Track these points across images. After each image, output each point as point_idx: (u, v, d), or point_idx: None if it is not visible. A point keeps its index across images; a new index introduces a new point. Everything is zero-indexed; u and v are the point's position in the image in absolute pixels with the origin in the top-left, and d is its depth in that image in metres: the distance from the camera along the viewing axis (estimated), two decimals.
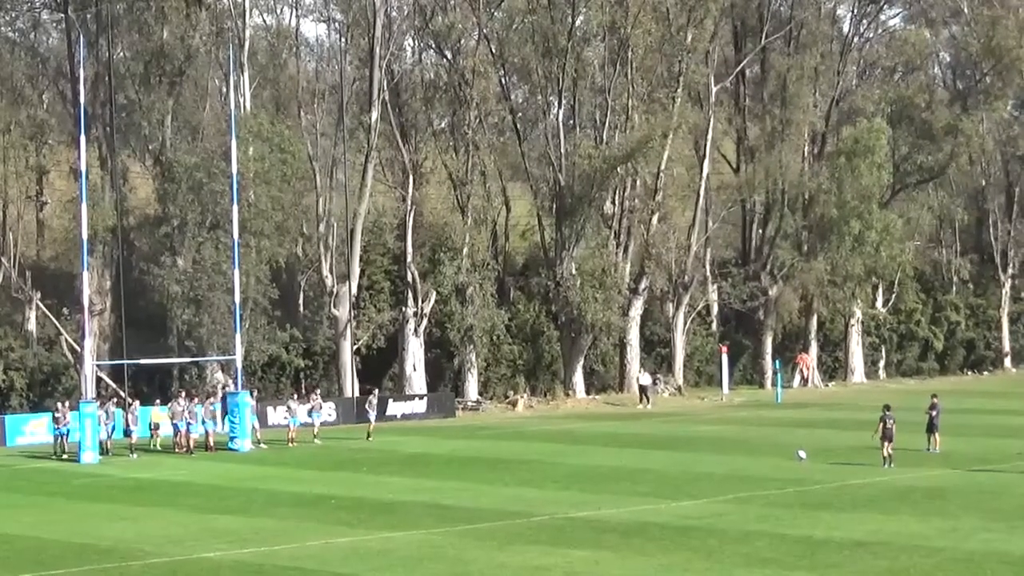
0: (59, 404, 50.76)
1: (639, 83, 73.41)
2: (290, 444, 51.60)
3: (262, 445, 51.64)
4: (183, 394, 54.24)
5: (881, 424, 41.91)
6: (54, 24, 70.41)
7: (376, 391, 58.87)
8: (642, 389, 69.53)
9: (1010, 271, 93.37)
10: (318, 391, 57.98)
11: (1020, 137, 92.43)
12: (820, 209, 79.65)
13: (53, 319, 61.54)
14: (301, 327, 67.59)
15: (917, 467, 41.36)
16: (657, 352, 77.77)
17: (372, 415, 54.41)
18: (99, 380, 58.57)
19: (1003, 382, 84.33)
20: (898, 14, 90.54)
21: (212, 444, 50.51)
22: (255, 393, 56.23)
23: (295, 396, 57.32)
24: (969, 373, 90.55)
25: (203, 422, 51.06)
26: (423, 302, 67.94)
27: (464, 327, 68.51)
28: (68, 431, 48.80)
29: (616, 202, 73.99)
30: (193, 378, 62.91)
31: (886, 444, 41.30)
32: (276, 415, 56.01)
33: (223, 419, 52.27)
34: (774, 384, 76.12)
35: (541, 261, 74.33)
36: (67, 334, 60.54)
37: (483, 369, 70.87)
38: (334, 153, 69.07)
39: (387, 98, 67.70)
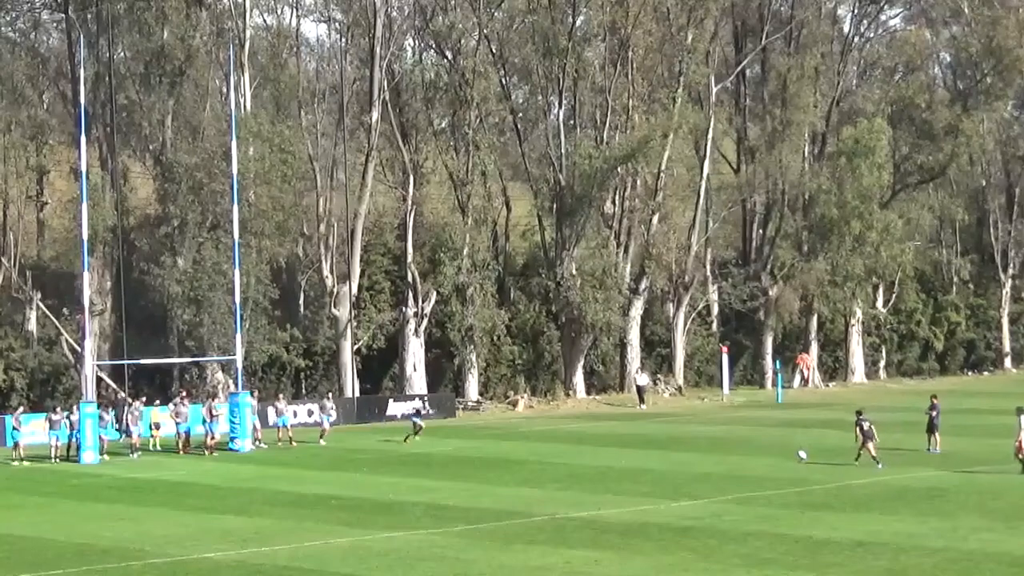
0: (57, 408, 50.77)
1: (639, 83, 73.42)
2: (280, 444, 51.55)
3: (262, 445, 51.67)
4: (183, 394, 54.28)
5: (858, 428, 41.79)
6: (54, 24, 70.52)
7: (420, 413, 57.31)
8: (639, 390, 69.57)
9: (1010, 271, 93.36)
10: (330, 395, 57.92)
11: (1020, 137, 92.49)
12: (820, 209, 79.63)
13: (53, 319, 61.56)
14: (301, 327, 67.62)
15: (917, 467, 41.35)
16: (657, 352, 77.75)
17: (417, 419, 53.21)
18: (99, 380, 58.57)
19: (1003, 382, 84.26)
20: (898, 14, 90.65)
21: (210, 444, 50.47)
22: (256, 393, 56.44)
23: (279, 396, 57.32)
24: (969, 373, 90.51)
25: (203, 422, 51.01)
26: (423, 302, 67.96)
27: (464, 327, 68.52)
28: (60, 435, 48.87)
29: (616, 202, 74.01)
30: (193, 378, 62.94)
31: (870, 445, 41.24)
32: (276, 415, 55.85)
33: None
34: (774, 384, 76.12)
35: (541, 261, 74.32)
36: (67, 334, 60.57)
37: (483, 369, 70.87)
38: (334, 153, 69.11)
39: (387, 98, 67.73)
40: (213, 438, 50.35)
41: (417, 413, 54.88)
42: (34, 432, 50.91)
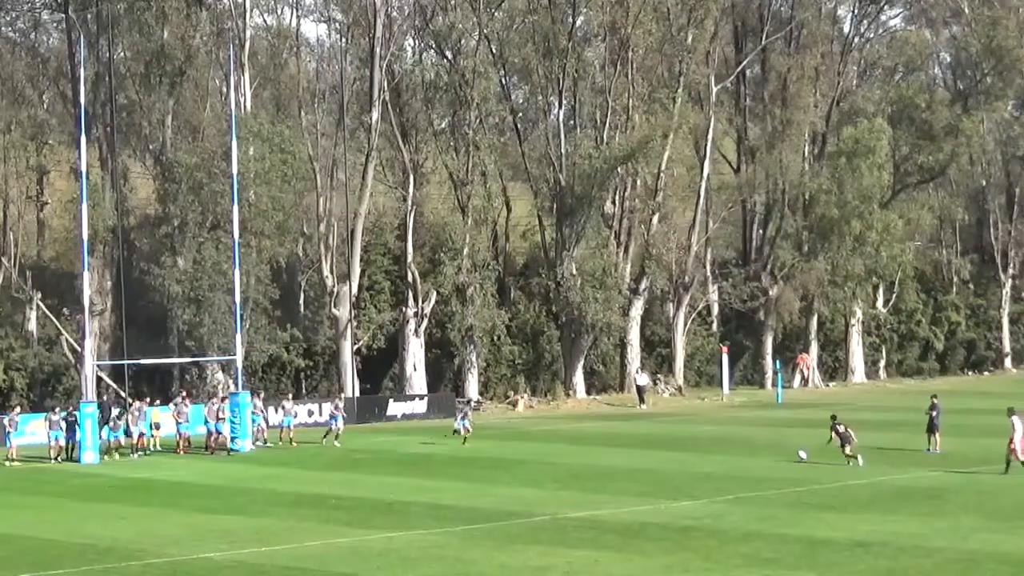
0: (56, 408, 50.69)
1: (639, 83, 73.41)
2: (282, 443, 51.60)
3: (267, 445, 51.51)
4: (184, 394, 54.29)
5: (833, 432, 42.41)
6: (54, 24, 70.52)
7: (471, 401, 55.59)
8: (639, 390, 69.61)
9: (1010, 271, 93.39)
10: (343, 394, 57.43)
11: (1020, 137, 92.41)
12: (820, 209, 79.62)
13: (53, 319, 61.56)
14: (301, 327, 67.62)
15: (917, 467, 41.38)
16: (658, 352, 77.75)
17: (467, 422, 51.54)
18: (99, 380, 58.56)
19: (1003, 382, 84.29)
20: (898, 14, 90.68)
21: (213, 445, 50.45)
22: (262, 394, 56.38)
23: (290, 396, 57.36)
24: (969, 373, 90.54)
25: (205, 422, 51.00)
26: (423, 302, 67.95)
27: (464, 327, 68.52)
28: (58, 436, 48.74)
29: (616, 202, 74.01)
30: (193, 378, 62.93)
31: (847, 447, 41.82)
32: (276, 415, 55.78)
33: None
34: (774, 384, 76.11)
35: (541, 261, 74.32)
36: (67, 334, 60.56)
37: (483, 369, 70.87)
38: (334, 153, 69.08)
39: (387, 98, 67.70)
40: (217, 439, 50.36)
41: (465, 416, 51.71)
42: (35, 432, 50.93)
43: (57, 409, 50.21)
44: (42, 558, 28.99)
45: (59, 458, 48.18)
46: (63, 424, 48.51)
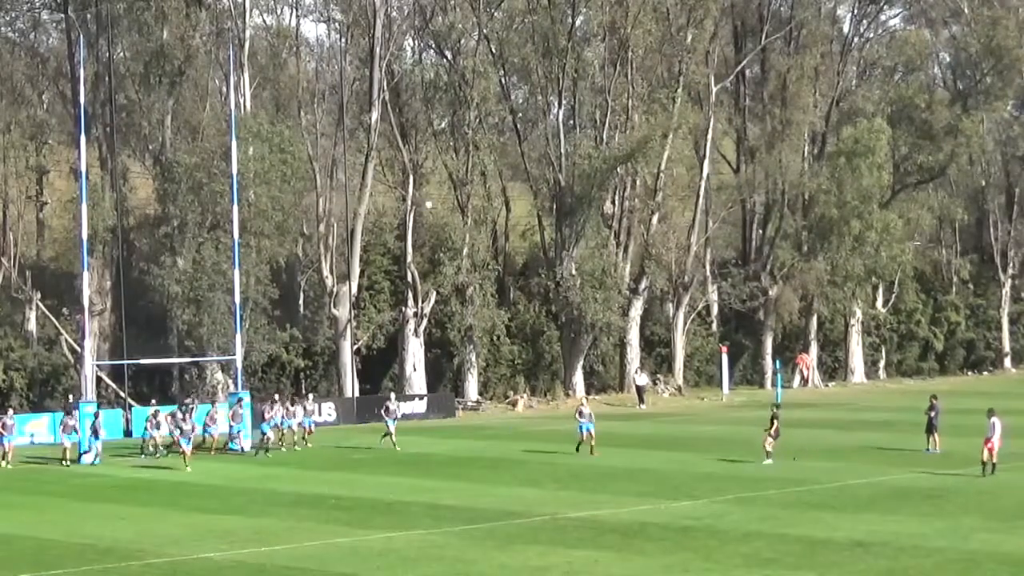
0: (73, 411, 50.50)
1: (639, 83, 73.43)
2: (308, 444, 51.49)
3: (292, 448, 50.99)
4: (192, 398, 54.25)
5: (773, 419, 43.19)
6: (54, 24, 70.44)
7: (585, 400, 53.99)
8: (639, 390, 69.61)
9: (1010, 271, 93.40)
10: (392, 395, 56.13)
11: (1020, 137, 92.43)
12: (820, 209, 79.65)
13: (53, 319, 61.56)
14: (301, 327, 67.60)
15: (917, 467, 41.38)
16: (657, 352, 77.74)
17: (590, 426, 47.46)
18: (99, 380, 58.55)
19: (1003, 382, 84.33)
20: (898, 14, 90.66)
21: (224, 445, 50.49)
22: (293, 398, 55.80)
23: (309, 396, 57.14)
24: (969, 373, 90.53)
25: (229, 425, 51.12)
26: (423, 302, 67.95)
27: (464, 327, 68.53)
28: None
29: (616, 202, 74.01)
30: (193, 378, 62.92)
31: (772, 440, 42.72)
32: (278, 416, 55.55)
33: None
34: (774, 384, 76.04)
35: (541, 261, 74.33)
36: (67, 334, 60.56)
37: (483, 369, 70.88)
38: (334, 153, 69.05)
39: (387, 98, 67.70)
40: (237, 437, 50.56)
41: (580, 413, 47.58)
42: (34, 433, 50.84)
43: (74, 412, 49.80)
44: (42, 558, 29.00)
45: (69, 461, 47.81)
46: (77, 427, 48.21)
